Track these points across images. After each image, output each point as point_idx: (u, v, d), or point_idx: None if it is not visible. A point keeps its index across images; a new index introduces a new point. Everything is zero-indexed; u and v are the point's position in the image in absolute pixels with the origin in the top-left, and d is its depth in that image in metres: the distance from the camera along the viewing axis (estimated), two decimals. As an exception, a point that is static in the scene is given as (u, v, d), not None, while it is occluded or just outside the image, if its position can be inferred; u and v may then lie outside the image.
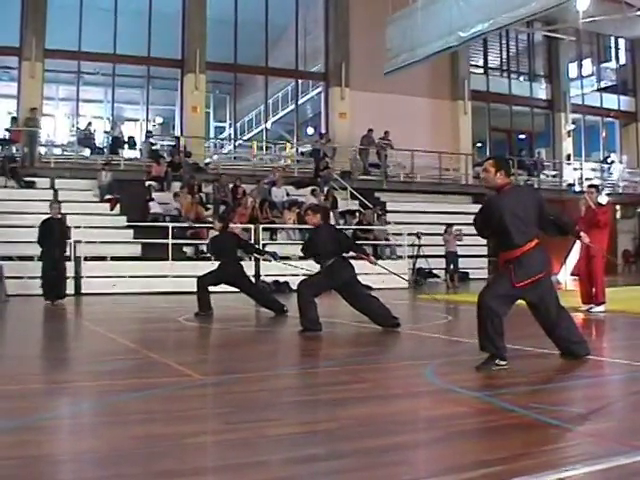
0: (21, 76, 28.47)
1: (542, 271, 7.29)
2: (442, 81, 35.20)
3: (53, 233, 17.50)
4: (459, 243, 24.71)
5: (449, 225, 25.05)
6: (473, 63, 37.94)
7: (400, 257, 25.79)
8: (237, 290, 14.61)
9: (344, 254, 11.27)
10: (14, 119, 27.81)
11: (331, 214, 23.96)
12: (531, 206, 7.37)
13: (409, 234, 26.17)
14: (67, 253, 18.98)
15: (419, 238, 26.04)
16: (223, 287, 14.25)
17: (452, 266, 24.81)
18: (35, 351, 9.72)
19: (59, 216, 18.07)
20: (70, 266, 19.68)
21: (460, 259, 25.30)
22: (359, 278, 11.30)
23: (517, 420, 5.15)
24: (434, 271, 26.89)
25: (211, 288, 14.04)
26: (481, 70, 38.79)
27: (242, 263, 14.75)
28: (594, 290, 13.69)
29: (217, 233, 14.82)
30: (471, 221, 7.67)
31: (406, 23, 26.00)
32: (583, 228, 10.42)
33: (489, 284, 7.69)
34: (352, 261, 11.32)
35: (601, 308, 13.53)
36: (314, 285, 11.08)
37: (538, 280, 7.23)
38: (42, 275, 17.69)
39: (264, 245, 22.98)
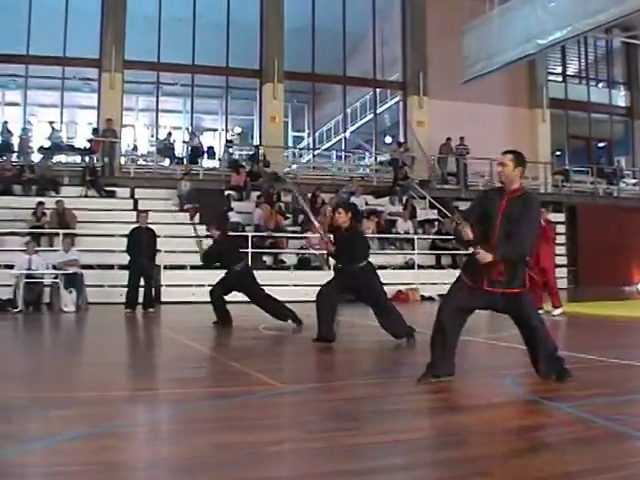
0: (101, 87, 28.91)
1: None
2: (520, 89, 34.87)
3: (141, 242, 17.77)
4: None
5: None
6: (551, 70, 37.51)
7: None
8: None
9: None
10: (95, 130, 28.27)
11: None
12: None
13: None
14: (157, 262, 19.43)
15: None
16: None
17: (530, 275, 24.59)
18: (115, 358, 9.76)
19: (148, 225, 18.36)
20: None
21: (539, 268, 25.07)
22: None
23: (600, 431, 5.07)
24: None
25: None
26: (559, 77, 38.32)
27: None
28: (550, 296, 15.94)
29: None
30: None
31: (483, 31, 25.89)
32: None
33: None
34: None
35: (559, 311, 15.57)
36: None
37: None
38: (128, 283, 17.96)
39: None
